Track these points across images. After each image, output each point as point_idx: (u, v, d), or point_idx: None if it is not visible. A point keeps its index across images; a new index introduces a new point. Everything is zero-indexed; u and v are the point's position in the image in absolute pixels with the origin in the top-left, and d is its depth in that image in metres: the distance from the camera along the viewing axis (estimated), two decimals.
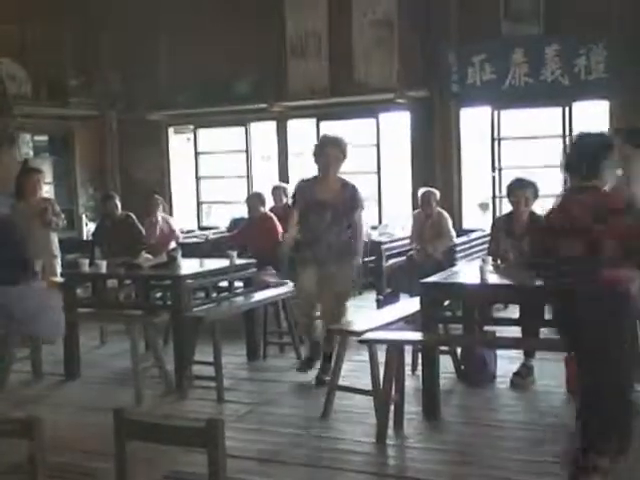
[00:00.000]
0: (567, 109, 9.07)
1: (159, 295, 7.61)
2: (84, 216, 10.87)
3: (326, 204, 5.59)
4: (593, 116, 9.31)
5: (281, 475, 4.07)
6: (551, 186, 6.94)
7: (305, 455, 4.44)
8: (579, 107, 9.13)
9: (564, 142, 9.02)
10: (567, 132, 9.06)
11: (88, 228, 10.50)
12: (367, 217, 9.94)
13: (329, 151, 5.63)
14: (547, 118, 9.39)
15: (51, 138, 10.71)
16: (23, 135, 10.07)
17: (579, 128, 9.07)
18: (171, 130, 11.35)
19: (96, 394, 5.80)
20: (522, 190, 5.73)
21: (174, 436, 2.75)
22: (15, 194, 7.63)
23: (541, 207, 6.16)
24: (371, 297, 8.53)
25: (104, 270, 6.42)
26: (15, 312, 2.15)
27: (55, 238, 7.82)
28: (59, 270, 7.65)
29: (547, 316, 5.76)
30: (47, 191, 9.68)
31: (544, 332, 5.64)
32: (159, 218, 9.00)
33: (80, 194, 11.02)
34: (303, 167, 10.59)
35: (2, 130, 2.12)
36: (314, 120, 10.30)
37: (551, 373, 5.68)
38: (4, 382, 5.82)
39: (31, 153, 10.17)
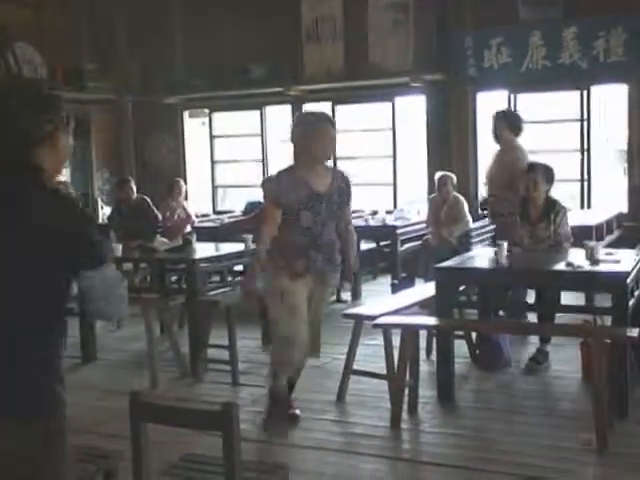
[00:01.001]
0: (585, 92, 8.98)
1: (174, 279, 7.63)
2: (100, 200, 10.90)
3: (322, 197, 4.42)
4: (611, 99, 9.23)
5: (295, 459, 4.08)
6: (568, 171, 6.90)
7: (319, 438, 4.45)
8: (597, 90, 9.04)
9: (582, 126, 8.96)
10: (585, 116, 8.98)
11: (104, 212, 10.54)
12: (383, 201, 9.97)
13: (331, 131, 4.47)
14: (565, 102, 9.30)
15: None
16: None
17: (597, 112, 9.03)
18: (186, 114, 11.34)
19: (112, 377, 5.84)
20: (531, 174, 5.69)
21: (189, 419, 2.76)
22: None
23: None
24: (386, 282, 8.52)
25: (119, 254, 6.45)
26: None
27: None
28: None
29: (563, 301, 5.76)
30: (63, 175, 9.71)
31: (559, 317, 5.64)
32: (177, 202, 9.02)
33: (96, 178, 11.05)
34: None
35: (56, 111, 2.15)
36: (329, 104, 10.26)
37: (567, 359, 5.66)
38: None
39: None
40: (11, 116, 2.03)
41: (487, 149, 9.61)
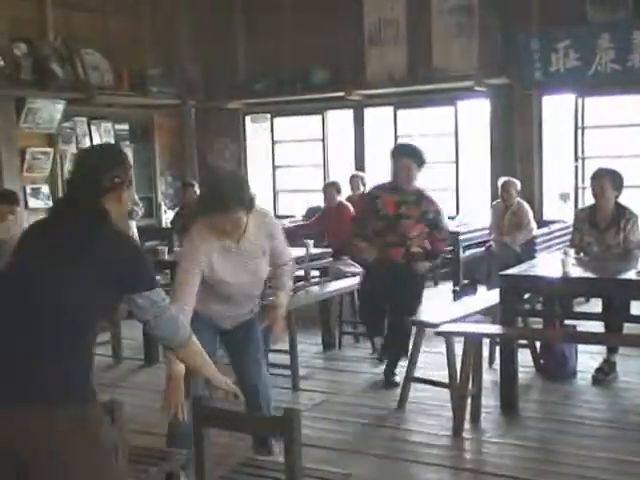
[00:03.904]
0: None
1: None
2: (163, 204, 11.05)
3: None
4: None
5: (356, 466, 4.05)
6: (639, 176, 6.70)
7: (380, 446, 4.42)
8: None
9: None
10: None
11: (167, 216, 10.67)
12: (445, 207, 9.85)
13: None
14: (635, 105, 9.05)
15: (132, 127, 10.89)
16: (105, 124, 10.29)
17: None
18: (248, 119, 11.42)
19: None
20: (598, 180, 5.55)
21: (251, 425, 2.75)
22: None
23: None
24: (447, 288, 8.43)
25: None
26: None
27: (133, 225, 7.97)
28: None
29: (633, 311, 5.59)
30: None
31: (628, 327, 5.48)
32: None
33: (159, 182, 11.19)
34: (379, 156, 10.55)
35: (124, 169, 2.54)
36: (391, 108, 10.21)
37: (635, 370, 5.52)
38: None
39: (113, 142, 10.38)
40: (89, 170, 2.49)
41: (552, 153, 9.50)
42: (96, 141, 10.06)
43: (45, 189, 9.43)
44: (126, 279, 2.40)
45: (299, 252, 6.58)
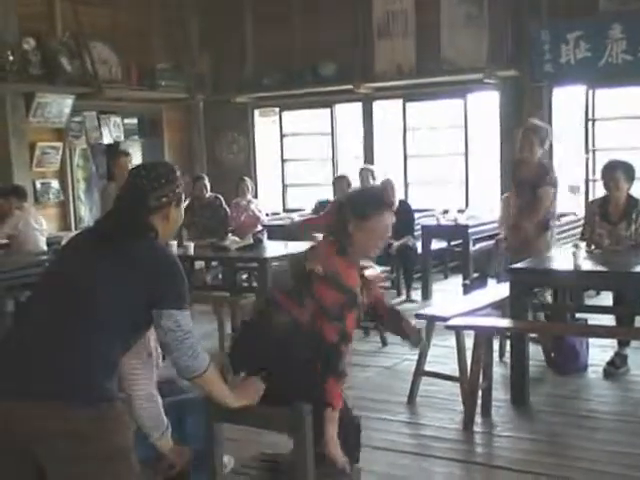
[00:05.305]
0: None
1: (245, 277, 7.68)
2: None
3: None
4: None
5: (367, 460, 4.02)
6: None
7: (391, 440, 4.41)
8: None
9: None
10: None
11: None
12: (454, 200, 9.83)
13: None
14: None
15: (140, 121, 10.89)
16: (114, 118, 10.29)
17: None
18: (257, 112, 11.41)
19: None
20: (610, 172, 5.51)
21: (262, 419, 2.75)
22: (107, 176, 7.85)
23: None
24: (457, 281, 8.41)
25: (192, 252, 6.52)
26: None
27: None
28: None
29: None
30: None
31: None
32: (246, 201, 9.07)
33: None
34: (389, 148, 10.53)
35: (173, 190, 2.61)
36: (400, 101, 10.17)
37: None
38: None
39: (122, 136, 10.38)
40: (137, 190, 2.55)
41: (561, 146, 9.45)
42: (105, 135, 10.07)
43: (55, 184, 9.45)
44: (155, 290, 2.42)
45: (308, 245, 6.56)
